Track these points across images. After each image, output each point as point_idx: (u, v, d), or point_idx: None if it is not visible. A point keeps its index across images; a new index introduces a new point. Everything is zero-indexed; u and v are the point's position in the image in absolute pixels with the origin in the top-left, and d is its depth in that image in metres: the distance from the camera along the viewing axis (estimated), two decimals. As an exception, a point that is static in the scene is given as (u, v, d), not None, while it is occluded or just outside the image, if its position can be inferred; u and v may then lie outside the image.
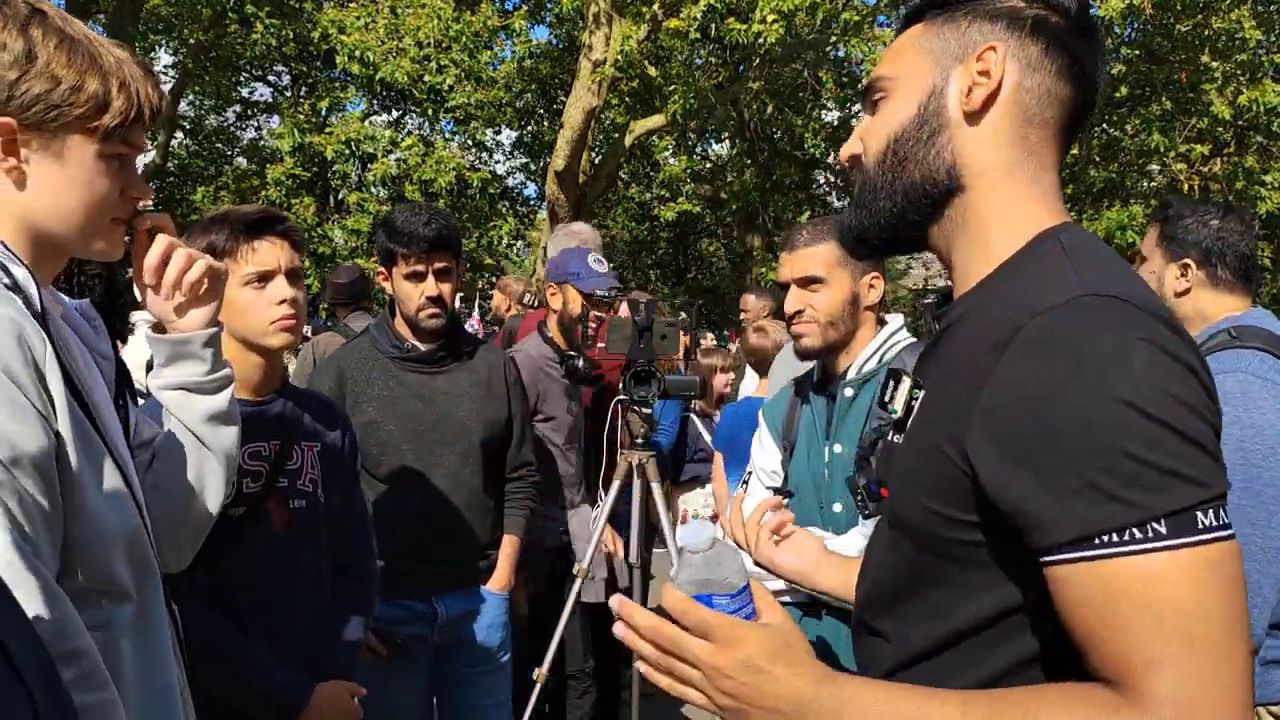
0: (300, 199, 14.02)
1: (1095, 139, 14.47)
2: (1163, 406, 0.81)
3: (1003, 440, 0.86)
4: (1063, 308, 0.87)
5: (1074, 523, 0.82)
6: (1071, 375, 0.83)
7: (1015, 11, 1.01)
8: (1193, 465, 0.81)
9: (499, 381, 2.73)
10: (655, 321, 2.98)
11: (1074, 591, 0.83)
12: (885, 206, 1.05)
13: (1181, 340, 0.86)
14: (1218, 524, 0.81)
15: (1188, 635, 0.79)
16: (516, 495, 2.79)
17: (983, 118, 1.01)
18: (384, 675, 2.57)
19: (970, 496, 0.90)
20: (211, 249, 1.92)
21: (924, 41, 1.05)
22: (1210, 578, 0.80)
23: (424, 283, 2.55)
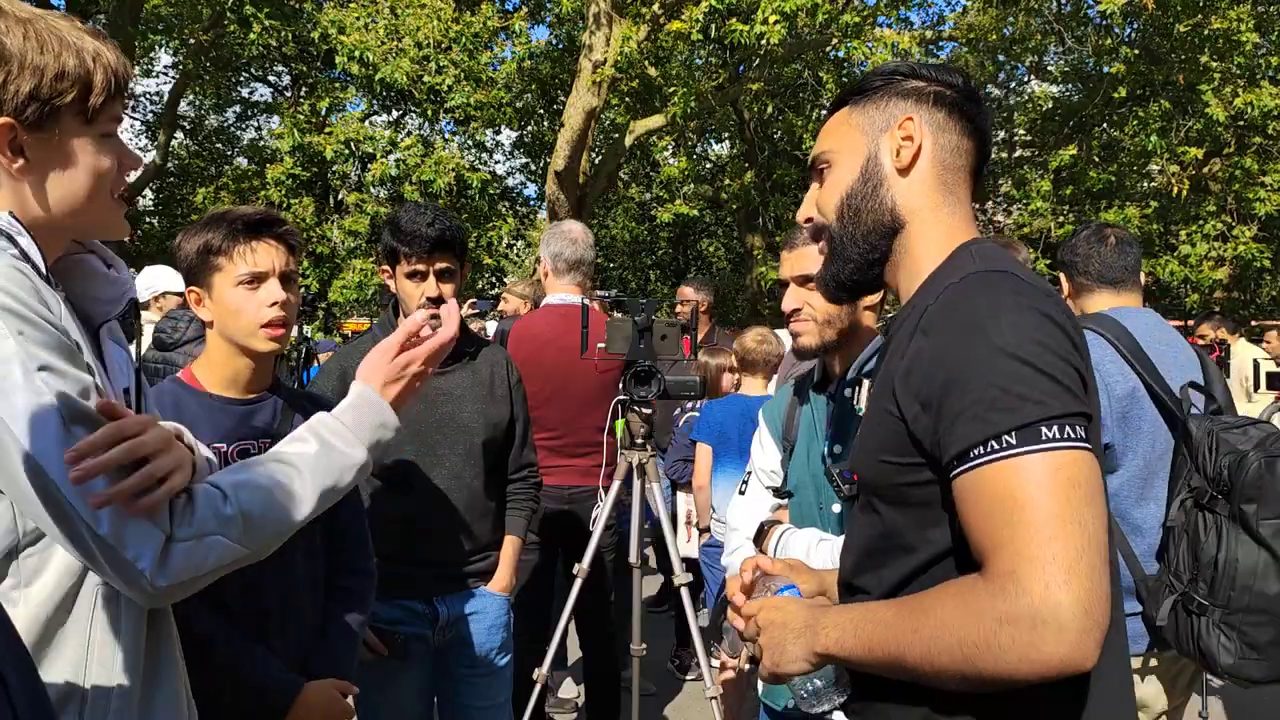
0: (300, 199, 14.02)
1: (1095, 140, 14.49)
2: (1023, 347, 1.03)
3: (918, 391, 1.10)
4: (957, 284, 1.13)
5: (957, 443, 1.04)
6: (958, 331, 1.08)
7: (920, 89, 1.30)
8: (1042, 391, 1.02)
9: (501, 382, 2.73)
10: (655, 321, 2.98)
11: (961, 501, 1.05)
12: (854, 253, 1.31)
13: (1054, 303, 1.10)
14: (1061, 436, 1.00)
15: (1022, 522, 0.98)
16: (518, 496, 2.79)
17: (911, 171, 1.28)
18: (384, 676, 2.57)
19: (908, 441, 1.13)
20: (207, 248, 1.92)
21: (853, 119, 1.33)
22: (1048, 478, 0.99)
23: (425, 283, 2.55)
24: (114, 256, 1.36)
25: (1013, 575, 0.97)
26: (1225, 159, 13.37)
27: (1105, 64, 13.30)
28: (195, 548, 1.14)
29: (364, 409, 1.39)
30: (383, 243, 2.63)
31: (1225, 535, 2.04)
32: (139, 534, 1.10)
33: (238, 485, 1.21)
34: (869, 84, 1.34)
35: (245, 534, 1.19)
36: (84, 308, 1.31)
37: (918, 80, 1.31)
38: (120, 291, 1.35)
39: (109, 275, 1.34)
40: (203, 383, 1.99)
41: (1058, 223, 13.99)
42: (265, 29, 12.16)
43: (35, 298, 1.10)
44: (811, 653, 1.17)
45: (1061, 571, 0.95)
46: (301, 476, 1.26)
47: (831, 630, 1.15)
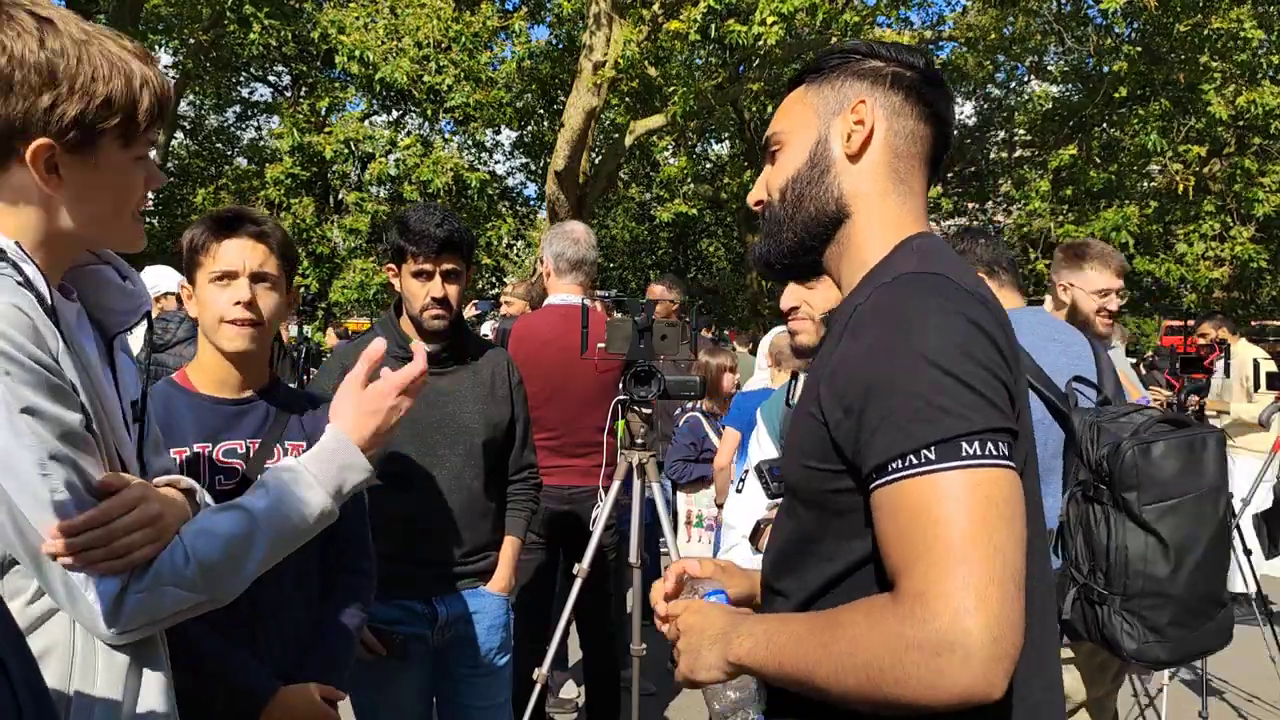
0: (300, 199, 14.02)
1: (1095, 139, 14.48)
2: (947, 357, 0.98)
3: (841, 396, 1.05)
4: (888, 284, 1.08)
5: (876, 455, 0.99)
6: (883, 337, 1.02)
7: (877, 70, 1.23)
8: (964, 404, 0.97)
9: (502, 383, 2.73)
10: (655, 322, 2.98)
11: (877, 514, 1.00)
12: (788, 237, 1.26)
13: (985, 310, 1.05)
14: (982, 453, 0.95)
15: (934, 542, 0.93)
16: (518, 497, 2.79)
17: (862, 157, 1.22)
18: (383, 676, 2.57)
19: (831, 447, 1.07)
20: (191, 244, 1.93)
21: (807, 99, 1.27)
22: (964, 496, 0.94)
23: (430, 282, 2.55)
24: (129, 268, 1.37)
25: (921, 598, 0.92)
26: (1225, 159, 13.37)
27: (1106, 63, 13.31)
28: (148, 599, 1.18)
29: (330, 454, 1.38)
30: (390, 241, 2.64)
31: (1113, 524, 2.08)
32: (99, 585, 1.15)
33: (196, 534, 1.24)
34: (825, 62, 1.27)
35: (201, 583, 1.22)
36: (99, 318, 1.32)
37: (875, 60, 1.24)
38: (136, 303, 1.36)
39: (124, 286, 1.35)
40: (194, 383, 1.98)
41: (1058, 222, 14.00)
42: (265, 29, 12.16)
43: (30, 336, 1.11)
44: (725, 661, 1.11)
45: (971, 597, 0.90)
46: (257, 525, 1.27)
47: (745, 639, 1.09)
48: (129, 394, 1.34)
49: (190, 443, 1.91)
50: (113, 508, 1.16)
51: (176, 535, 1.24)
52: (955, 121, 1.28)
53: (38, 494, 1.10)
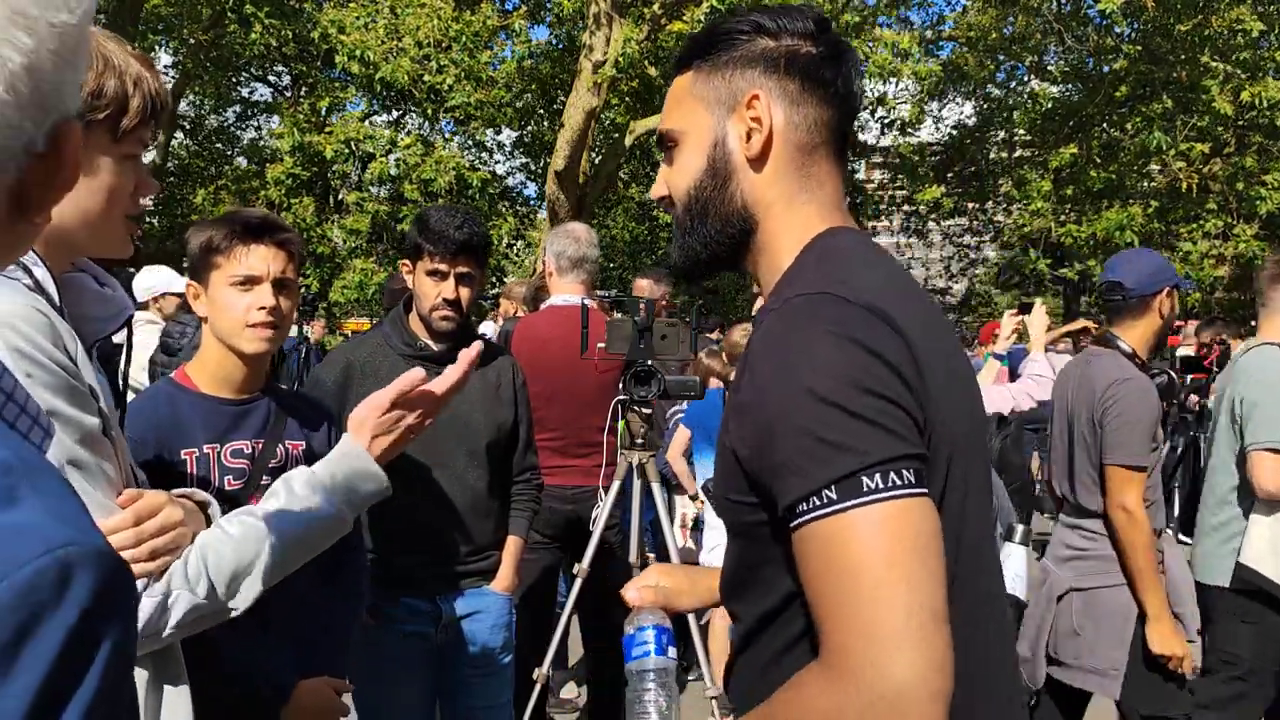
0: (300, 199, 14.02)
1: (1095, 139, 14.48)
2: (834, 389, 0.93)
3: (746, 435, 1.01)
4: (776, 311, 1.02)
5: (785, 498, 0.94)
6: (773, 372, 0.97)
7: (768, 53, 1.12)
8: (856, 437, 0.91)
9: (507, 385, 2.74)
10: (655, 321, 2.98)
11: (797, 556, 0.95)
12: (696, 248, 1.18)
13: (879, 327, 0.97)
14: (885, 485, 0.90)
15: (844, 589, 0.89)
16: (521, 497, 2.80)
17: (764, 160, 1.12)
18: (385, 675, 2.57)
19: (745, 481, 1.03)
20: (209, 245, 1.93)
21: (696, 90, 1.15)
22: (873, 534, 0.89)
23: (444, 283, 2.55)
24: (107, 275, 1.37)
25: (842, 653, 0.88)
26: (1226, 158, 13.37)
27: (1106, 63, 13.31)
28: (158, 604, 1.19)
29: (346, 465, 1.39)
30: (408, 236, 2.65)
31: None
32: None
33: (208, 543, 1.24)
34: (710, 44, 1.15)
35: (213, 592, 1.22)
36: (76, 327, 1.32)
37: (764, 38, 1.13)
38: (115, 310, 1.36)
39: (102, 294, 1.35)
40: (196, 382, 1.99)
41: (1058, 222, 14.00)
42: (265, 29, 12.17)
43: (50, 338, 1.11)
44: None
45: (890, 641, 0.86)
46: (269, 535, 1.27)
47: None
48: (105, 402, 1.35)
49: (200, 443, 1.92)
50: (141, 511, 1.16)
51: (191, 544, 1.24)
52: (859, 90, 1.17)
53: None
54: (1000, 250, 22.23)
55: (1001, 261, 21.64)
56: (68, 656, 0.50)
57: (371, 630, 2.58)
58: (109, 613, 0.53)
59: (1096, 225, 13.20)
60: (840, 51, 1.14)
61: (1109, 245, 13.46)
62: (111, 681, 0.52)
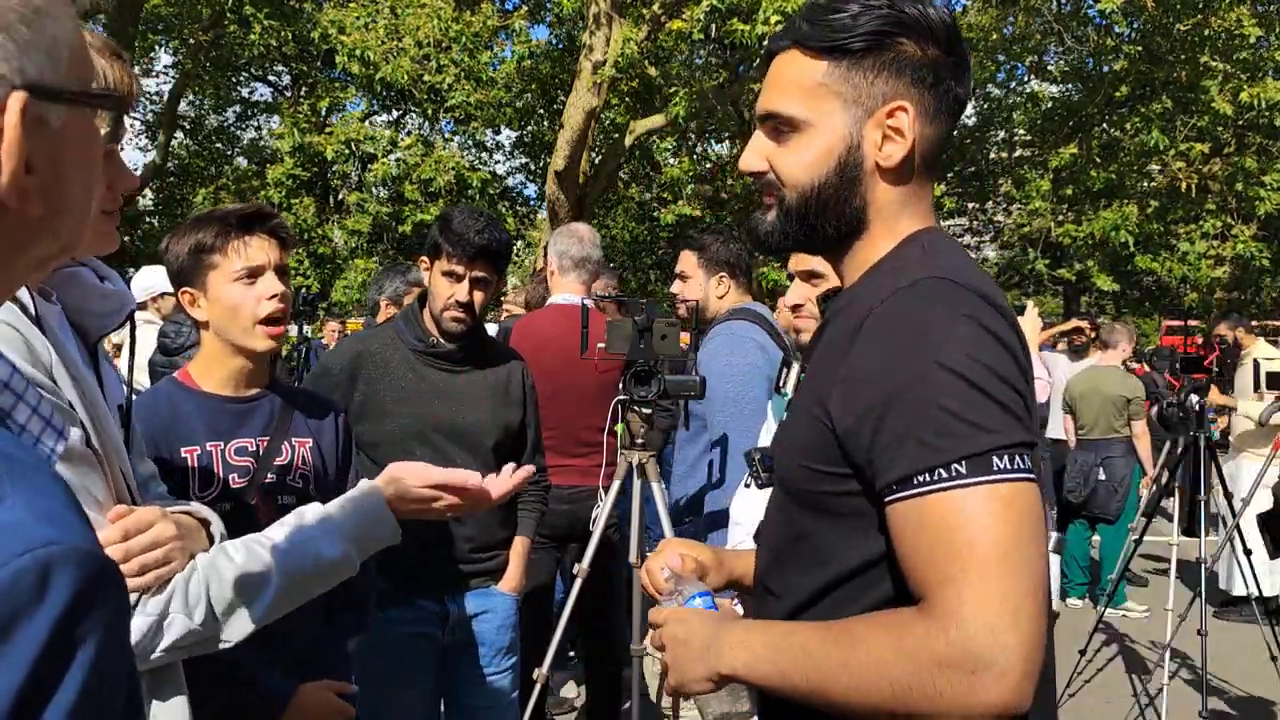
0: (300, 199, 14.02)
1: (1095, 139, 14.48)
2: (973, 370, 0.96)
3: (855, 402, 1.02)
4: (906, 289, 1.03)
5: (900, 467, 0.96)
6: (905, 345, 0.99)
7: (916, 63, 1.10)
8: (992, 418, 0.95)
9: (516, 386, 2.75)
10: (655, 321, 2.98)
11: (899, 526, 0.97)
12: (798, 234, 1.17)
13: (1002, 319, 1.01)
14: (1012, 467, 0.94)
15: (968, 558, 0.92)
16: (528, 498, 2.80)
17: (897, 170, 1.12)
18: (390, 675, 2.57)
19: (837, 451, 1.04)
20: (200, 246, 1.89)
21: (832, 85, 1.11)
22: (998, 510, 0.93)
23: (458, 285, 2.56)
24: (108, 270, 1.35)
25: (955, 616, 0.91)
26: (1225, 159, 13.37)
27: (1106, 63, 13.30)
28: (154, 624, 1.16)
29: (366, 512, 1.38)
30: (429, 234, 2.65)
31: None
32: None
33: (211, 567, 1.22)
34: (849, 37, 1.10)
35: (209, 617, 1.20)
36: (79, 322, 1.30)
37: (910, 42, 1.10)
38: (117, 304, 1.34)
39: (103, 288, 1.33)
40: (199, 381, 1.97)
41: (1057, 222, 13.99)
42: (265, 29, 12.17)
43: (22, 353, 1.08)
44: (715, 673, 1.09)
45: (1008, 614, 0.90)
46: (274, 568, 1.25)
47: (739, 651, 1.06)
48: (114, 399, 1.32)
49: (202, 441, 1.90)
50: (130, 526, 1.14)
51: (192, 562, 1.22)
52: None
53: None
54: (1000, 250, 22.22)
55: (1001, 261, 21.63)
56: (47, 658, 0.49)
57: (377, 630, 2.58)
58: (92, 612, 0.52)
59: (1094, 225, 13.20)
60: (968, 65, 1.15)
61: (1106, 245, 13.47)
62: (96, 682, 0.52)
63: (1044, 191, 13.86)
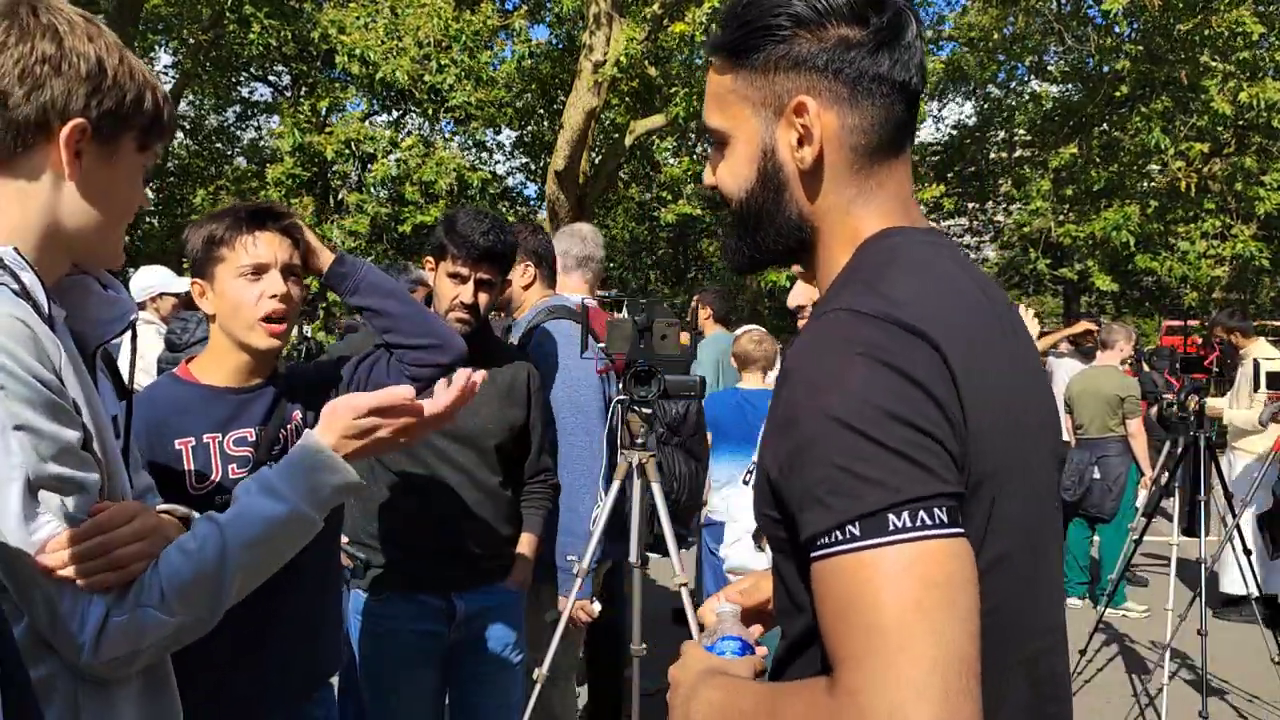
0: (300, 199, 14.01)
1: (1095, 139, 14.48)
2: (865, 418, 0.86)
3: (775, 452, 0.95)
4: (809, 329, 0.97)
5: (805, 528, 0.89)
6: (803, 395, 0.92)
7: (813, 55, 1.01)
8: (888, 471, 0.85)
9: (521, 387, 2.76)
10: (655, 321, 2.98)
11: (815, 589, 0.89)
12: (748, 253, 1.14)
13: (913, 349, 0.90)
14: (914, 524, 0.84)
15: (866, 631, 0.83)
16: (534, 496, 2.82)
17: (819, 170, 1.04)
18: (397, 673, 2.58)
19: (774, 500, 0.97)
20: (211, 238, 1.90)
21: (740, 90, 1.07)
22: (895, 576, 0.83)
23: (462, 286, 2.57)
24: (110, 278, 1.36)
25: (855, 697, 0.82)
26: (1225, 158, 13.37)
27: (1107, 63, 13.30)
28: (129, 622, 1.15)
29: (303, 462, 1.33)
30: (434, 235, 2.67)
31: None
32: (85, 610, 1.12)
33: (166, 553, 1.21)
34: (746, 37, 1.05)
35: (176, 603, 1.18)
36: (80, 330, 1.30)
37: (806, 31, 1.02)
38: (120, 312, 1.34)
39: (106, 296, 1.34)
40: (198, 375, 1.97)
41: (1058, 222, 13.99)
42: (265, 29, 12.16)
43: (31, 349, 1.08)
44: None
45: (910, 691, 0.80)
46: (225, 539, 1.23)
47: (701, 707, 1.03)
48: (109, 411, 1.31)
49: (199, 432, 1.90)
50: (114, 517, 1.14)
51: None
52: (920, 66, 1.05)
53: (26, 514, 1.08)
54: (1000, 250, 22.23)
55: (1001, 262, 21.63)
56: None
57: (383, 627, 2.58)
58: None
59: (1094, 225, 13.20)
60: (896, 33, 1.02)
61: (1106, 245, 13.47)
62: None
63: (1044, 191, 13.86)
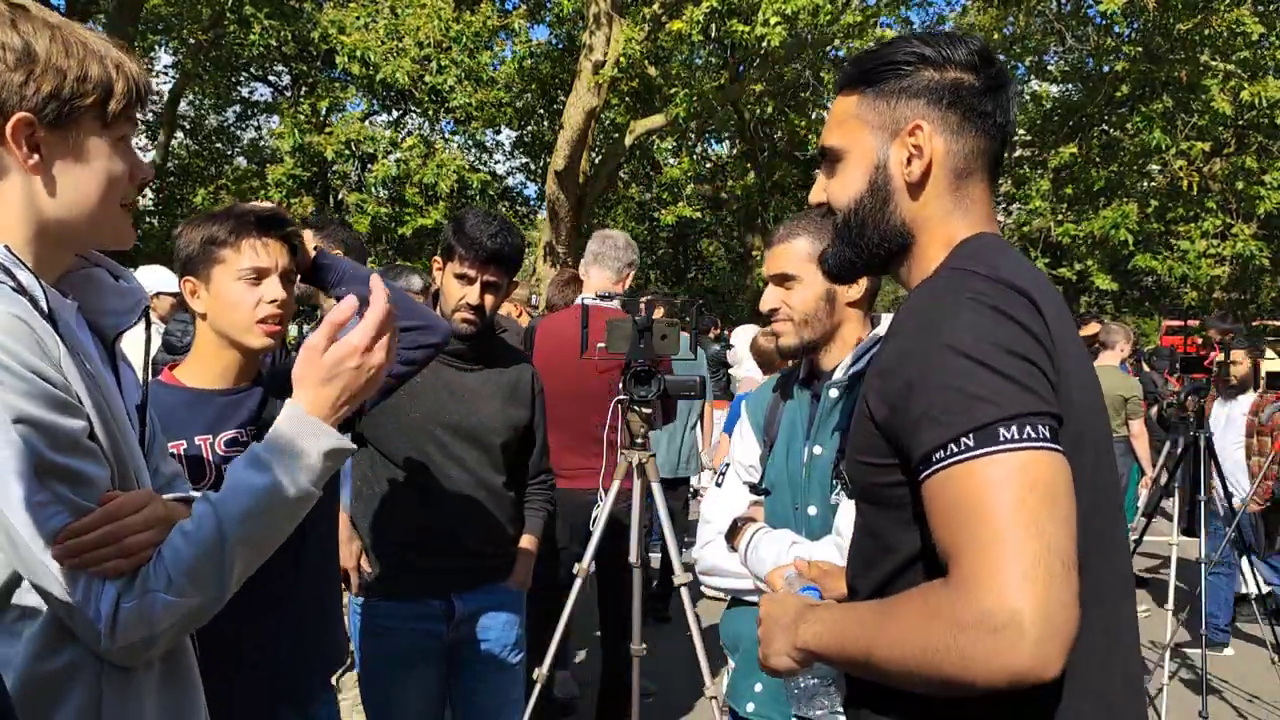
0: (300, 199, 14.01)
1: (1095, 139, 14.48)
2: (976, 347, 1.01)
3: (885, 394, 1.10)
4: (922, 284, 1.16)
5: (920, 447, 1.03)
6: (917, 334, 1.07)
7: (932, 85, 1.21)
8: (995, 391, 0.99)
9: (524, 387, 2.77)
10: (655, 321, 2.97)
11: (928, 504, 1.03)
12: (851, 256, 1.29)
13: (1021, 302, 1.06)
14: (1020, 436, 0.98)
15: (979, 526, 0.96)
16: (535, 497, 2.83)
17: (924, 185, 1.22)
18: (397, 673, 2.58)
19: (882, 443, 1.12)
20: (212, 239, 1.89)
21: (861, 115, 1.25)
22: (1005, 478, 0.96)
23: (470, 288, 2.58)
24: (121, 268, 1.36)
25: (970, 581, 0.95)
26: (1226, 158, 13.37)
27: (1106, 63, 13.30)
28: (140, 608, 1.15)
29: (286, 430, 1.29)
30: (443, 235, 2.67)
31: None
32: (98, 596, 1.13)
33: (170, 538, 1.20)
34: (876, 72, 1.24)
35: (183, 582, 1.18)
36: (97, 322, 1.30)
37: (929, 69, 1.21)
38: (132, 301, 1.35)
39: (118, 287, 1.34)
40: (185, 379, 1.97)
41: (1057, 222, 13.99)
42: (265, 29, 12.16)
43: (29, 345, 1.09)
44: (793, 647, 1.18)
45: (1017, 577, 0.93)
46: (220, 515, 1.21)
47: (813, 625, 1.15)
48: (131, 399, 1.32)
49: (190, 435, 1.90)
50: (124, 505, 1.15)
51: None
52: (1015, 117, 1.27)
53: (31, 506, 1.08)
54: (1000, 250, 22.18)
55: (1001, 261, 21.58)
56: None
57: (383, 627, 2.59)
58: None
59: (1093, 224, 13.20)
60: (1001, 84, 1.22)
61: (1106, 245, 13.46)
62: None
63: (1044, 191, 13.86)
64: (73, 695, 1.15)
